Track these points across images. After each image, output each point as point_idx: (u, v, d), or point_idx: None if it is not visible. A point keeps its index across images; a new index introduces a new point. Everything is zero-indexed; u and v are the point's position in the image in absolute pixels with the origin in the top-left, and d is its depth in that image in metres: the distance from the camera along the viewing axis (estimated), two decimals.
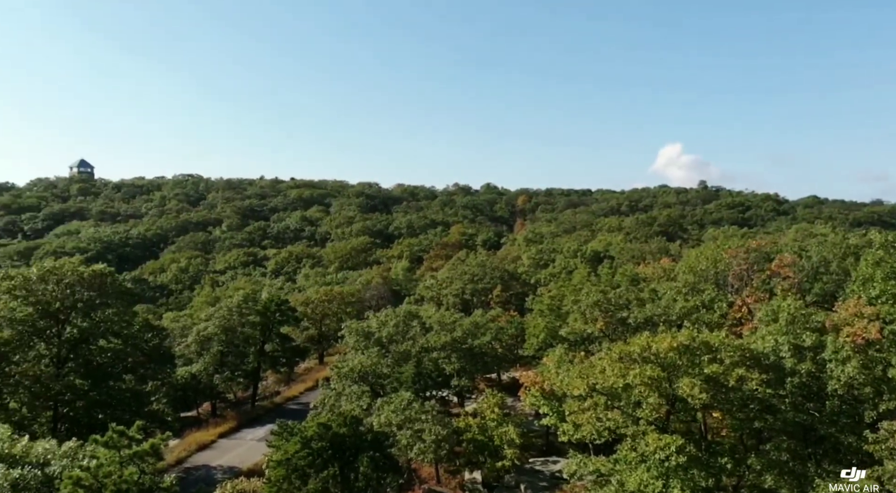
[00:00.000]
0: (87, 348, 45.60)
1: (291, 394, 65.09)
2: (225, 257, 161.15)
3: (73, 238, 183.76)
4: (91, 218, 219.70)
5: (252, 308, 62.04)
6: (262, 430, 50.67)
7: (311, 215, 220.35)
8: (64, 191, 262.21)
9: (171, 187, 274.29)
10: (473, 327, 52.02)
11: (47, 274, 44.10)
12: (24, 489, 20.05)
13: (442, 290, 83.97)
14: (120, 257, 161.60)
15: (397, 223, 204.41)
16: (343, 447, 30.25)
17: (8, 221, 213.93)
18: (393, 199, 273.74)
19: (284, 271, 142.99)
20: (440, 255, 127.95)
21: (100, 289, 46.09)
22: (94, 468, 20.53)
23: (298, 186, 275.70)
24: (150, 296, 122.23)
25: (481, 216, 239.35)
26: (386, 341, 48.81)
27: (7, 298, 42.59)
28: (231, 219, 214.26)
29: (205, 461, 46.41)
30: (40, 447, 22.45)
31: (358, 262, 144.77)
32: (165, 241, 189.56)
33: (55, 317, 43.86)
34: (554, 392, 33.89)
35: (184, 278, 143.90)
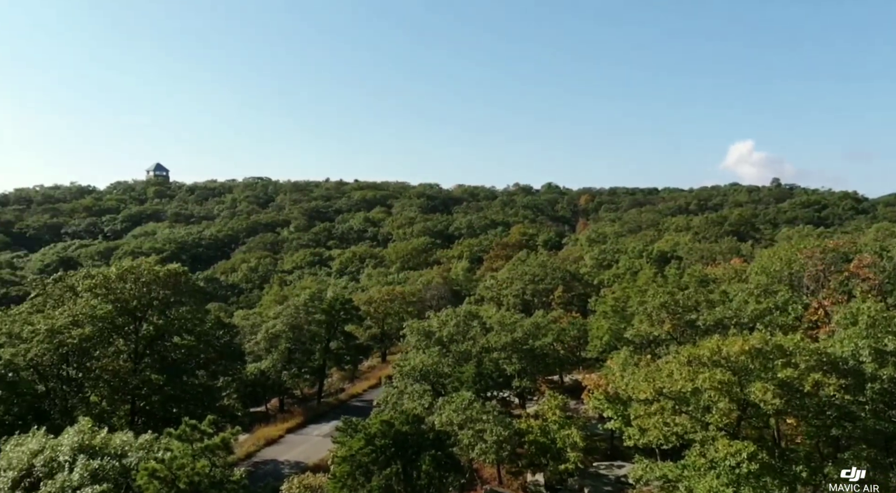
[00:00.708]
0: (162, 344, 47.59)
1: (355, 391, 66.22)
2: (292, 257, 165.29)
3: (149, 239, 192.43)
4: (166, 219, 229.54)
5: (318, 307, 63.50)
6: (328, 426, 51.70)
7: (374, 216, 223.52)
8: (141, 194, 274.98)
9: (241, 190, 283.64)
10: (534, 327, 51.58)
11: (126, 273, 46.24)
12: (103, 479, 21.09)
13: (502, 290, 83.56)
14: (193, 257, 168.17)
15: (457, 224, 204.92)
16: (405, 445, 30.53)
17: (90, 222, 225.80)
18: (453, 199, 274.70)
19: (348, 270, 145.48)
20: (500, 255, 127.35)
21: (174, 288, 48.02)
22: (169, 460, 21.42)
23: (362, 188, 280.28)
24: (222, 294, 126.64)
25: (542, 216, 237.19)
26: (446, 340, 48.99)
27: (89, 296, 44.82)
28: (298, 220, 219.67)
29: (273, 455, 47.76)
30: (118, 439, 23.56)
31: (419, 262, 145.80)
32: (236, 241, 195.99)
33: (133, 314, 45.93)
34: (618, 396, 33.18)
35: (253, 277, 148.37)
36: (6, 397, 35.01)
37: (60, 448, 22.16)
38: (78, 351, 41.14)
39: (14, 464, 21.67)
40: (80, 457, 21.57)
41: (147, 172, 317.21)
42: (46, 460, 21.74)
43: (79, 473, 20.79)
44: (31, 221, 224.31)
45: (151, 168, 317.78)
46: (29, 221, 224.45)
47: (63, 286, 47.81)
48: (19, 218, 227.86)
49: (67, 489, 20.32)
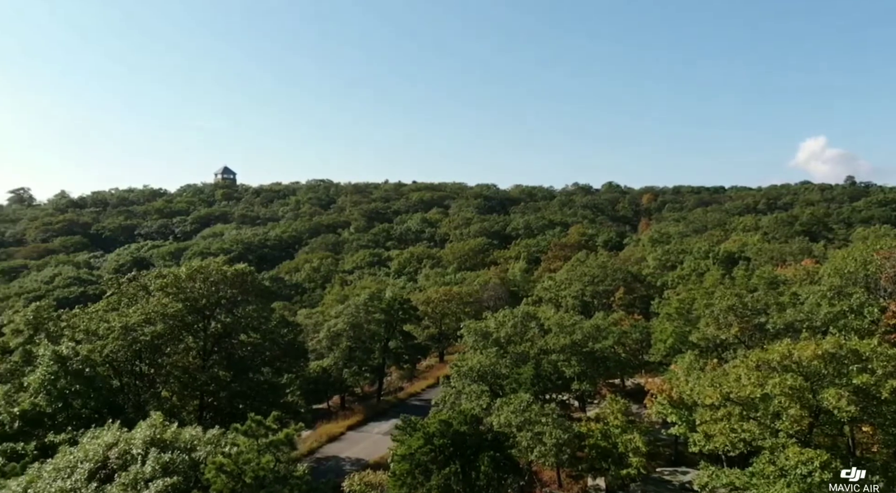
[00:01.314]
0: (229, 341, 49.09)
1: (414, 390, 66.76)
2: (352, 258, 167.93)
3: (217, 240, 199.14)
4: (233, 221, 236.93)
5: (377, 306, 64.33)
6: (387, 424, 52.28)
7: (431, 217, 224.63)
8: (210, 196, 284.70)
9: (304, 192, 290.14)
10: (594, 330, 50.77)
11: (195, 273, 47.93)
12: (174, 472, 21.90)
13: (560, 291, 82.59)
14: (259, 258, 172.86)
15: (515, 224, 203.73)
16: (464, 445, 30.55)
17: (161, 224, 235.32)
18: (510, 200, 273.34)
19: (406, 271, 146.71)
20: (559, 256, 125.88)
21: (241, 287, 49.48)
22: (235, 455, 22.09)
23: (419, 189, 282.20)
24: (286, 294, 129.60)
25: (602, 216, 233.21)
26: (504, 341, 48.77)
27: (160, 294, 46.65)
28: (358, 221, 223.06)
29: (334, 452, 48.66)
30: (187, 433, 24.43)
31: (475, 262, 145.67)
32: (299, 242, 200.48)
33: (202, 313, 47.56)
34: (683, 400, 32.28)
35: (316, 277, 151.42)
36: (83, 391, 36.75)
37: (133, 442, 23.16)
38: (150, 348, 42.92)
39: (90, 456, 22.77)
40: (152, 450, 22.49)
41: (215, 175, 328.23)
42: (120, 452, 22.77)
43: (151, 466, 21.69)
44: (107, 222, 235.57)
45: (219, 171, 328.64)
46: (105, 222, 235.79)
47: (136, 285, 49.95)
48: (96, 220, 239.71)
49: (140, 481, 21.21)
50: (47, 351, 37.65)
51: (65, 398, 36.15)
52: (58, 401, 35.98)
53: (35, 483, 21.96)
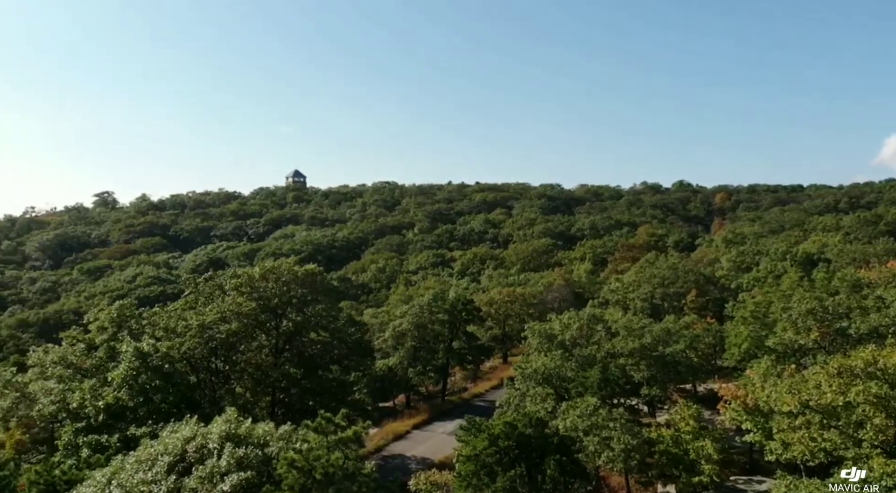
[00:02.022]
0: (300, 340, 50.42)
1: (478, 391, 66.74)
2: (416, 258, 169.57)
3: (288, 241, 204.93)
4: (303, 223, 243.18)
5: (440, 307, 64.72)
6: (452, 424, 52.44)
7: (494, 218, 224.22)
8: (281, 199, 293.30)
9: (370, 194, 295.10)
10: (664, 333, 49.43)
11: (268, 273, 49.46)
12: (248, 466, 22.70)
13: (628, 293, 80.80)
14: (327, 258, 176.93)
15: (580, 224, 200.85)
16: (529, 448, 30.33)
17: (236, 226, 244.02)
18: (575, 200, 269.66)
19: (469, 271, 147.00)
20: (626, 257, 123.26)
21: (311, 287, 50.74)
22: (306, 451, 22.66)
23: (482, 190, 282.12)
24: (353, 293, 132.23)
25: (672, 216, 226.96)
26: (569, 344, 48.13)
27: (235, 294, 48.38)
28: (422, 222, 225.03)
29: (400, 450, 49.20)
30: (260, 429, 25.27)
31: (539, 263, 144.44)
32: (366, 243, 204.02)
33: (274, 311, 49.03)
34: (759, 407, 31.08)
35: (381, 277, 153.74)
36: (163, 386, 38.53)
37: (210, 436, 24.12)
38: (225, 345, 44.60)
39: (170, 449, 23.87)
40: (227, 445, 23.36)
41: (286, 178, 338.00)
42: (198, 446, 23.75)
43: (226, 460, 22.53)
44: (185, 224, 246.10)
45: (290, 175, 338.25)
46: (183, 224, 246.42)
47: (212, 285, 51.98)
48: (175, 222, 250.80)
49: (216, 475, 22.07)
50: (130, 348, 39.71)
51: (146, 393, 38.02)
52: (139, 395, 37.88)
53: (118, 475, 23.17)
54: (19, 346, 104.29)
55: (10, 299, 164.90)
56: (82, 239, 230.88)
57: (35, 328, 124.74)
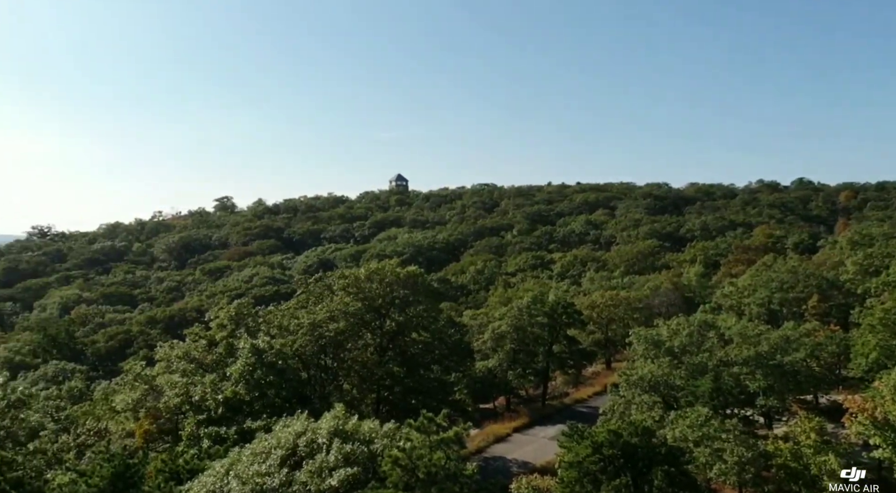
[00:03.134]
0: (402, 339, 51.58)
1: (580, 396, 65.47)
2: (515, 260, 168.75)
3: (391, 243, 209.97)
4: (405, 225, 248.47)
5: (540, 310, 63.99)
6: (553, 429, 51.76)
7: (596, 219, 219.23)
8: (385, 202, 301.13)
9: (469, 196, 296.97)
10: (783, 341, 46.42)
11: (372, 274, 50.96)
12: (354, 462, 23.47)
13: (743, 298, 76.45)
14: (428, 260, 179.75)
15: (689, 225, 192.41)
16: (635, 458, 29.38)
17: (343, 228, 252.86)
18: (684, 199, 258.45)
19: (570, 274, 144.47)
20: (741, 259, 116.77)
21: (412, 288, 51.79)
22: (409, 449, 23.13)
23: (584, 190, 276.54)
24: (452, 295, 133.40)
25: (792, 216, 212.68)
26: (678, 351, 46.20)
27: (342, 294, 50.18)
28: (521, 224, 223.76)
29: (501, 452, 49.11)
30: (366, 426, 26.06)
31: (645, 266, 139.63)
32: (465, 245, 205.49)
33: (378, 311, 50.46)
34: (889, 422, 28.55)
35: (480, 279, 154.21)
36: (276, 382, 40.51)
37: (319, 431, 25.15)
38: (334, 343, 46.42)
39: (282, 443, 25.09)
40: (335, 441, 24.26)
41: (390, 182, 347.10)
42: (308, 441, 24.82)
43: (334, 455, 23.41)
44: (297, 227, 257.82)
45: (393, 179, 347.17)
46: (295, 227, 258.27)
47: (322, 285, 54.19)
48: (288, 225, 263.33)
49: (325, 469, 22.96)
50: (246, 344, 42.07)
51: (261, 388, 40.10)
52: (255, 390, 40.00)
53: (235, 466, 24.59)
54: (148, 341, 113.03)
55: (140, 298, 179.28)
56: (204, 241, 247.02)
57: (162, 325, 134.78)
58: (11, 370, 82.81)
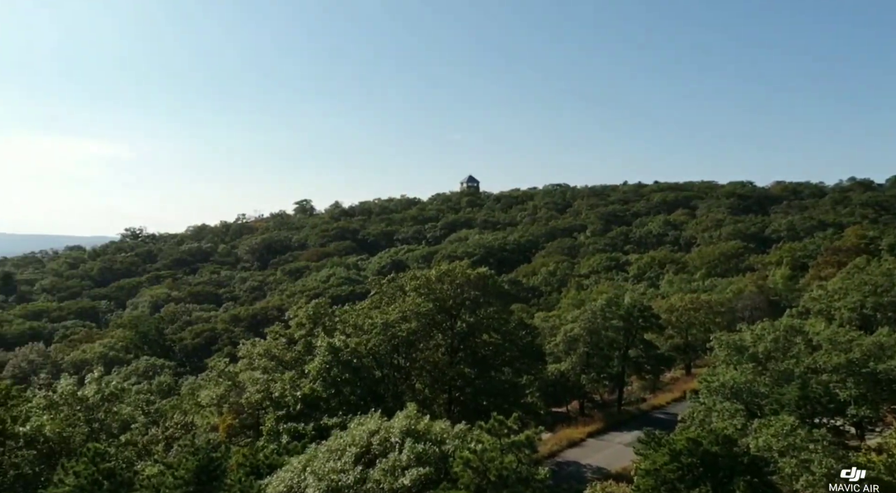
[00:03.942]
0: (473, 340, 51.66)
1: (657, 403, 63.79)
2: (589, 262, 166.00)
3: (462, 244, 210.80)
4: (476, 226, 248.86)
5: (615, 313, 62.68)
6: (629, 435, 50.64)
7: (675, 219, 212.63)
8: (456, 204, 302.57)
9: (541, 197, 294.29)
10: (876, 347, 43.59)
11: (443, 276, 51.32)
12: (426, 462, 23.69)
13: (833, 302, 72.22)
14: (499, 261, 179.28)
15: (775, 225, 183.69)
16: (716, 467, 28.34)
17: (415, 230, 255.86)
18: (770, 198, 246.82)
19: (646, 276, 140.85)
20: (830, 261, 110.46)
21: (483, 289, 51.82)
22: (480, 451, 23.14)
23: (662, 190, 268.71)
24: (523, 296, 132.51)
25: (887, 215, 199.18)
26: (762, 356, 44.20)
27: (414, 295, 50.79)
28: (594, 225, 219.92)
29: (574, 457, 48.42)
30: (438, 426, 26.26)
31: (727, 268, 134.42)
32: (536, 246, 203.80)
33: (449, 312, 50.76)
34: None
35: (552, 280, 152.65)
36: (352, 380, 41.46)
37: (392, 430, 25.55)
38: (406, 343, 47.07)
39: (356, 441, 25.62)
40: (408, 440, 24.57)
41: (461, 184, 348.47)
42: (381, 440, 25.26)
43: (406, 455, 23.72)
44: (371, 229, 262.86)
45: (464, 180, 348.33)
46: (369, 229, 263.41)
47: (395, 286, 55.03)
48: (363, 227, 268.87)
49: (398, 468, 23.31)
50: (323, 343, 43.26)
51: (337, 385, 41.15)
52: (331, 387, 41.07)
53: (312, 462, 25.29)
54: (231, 339, 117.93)
55: (225, 297, 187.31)
56: (284, 243, 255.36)
57: (245, 323, 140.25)
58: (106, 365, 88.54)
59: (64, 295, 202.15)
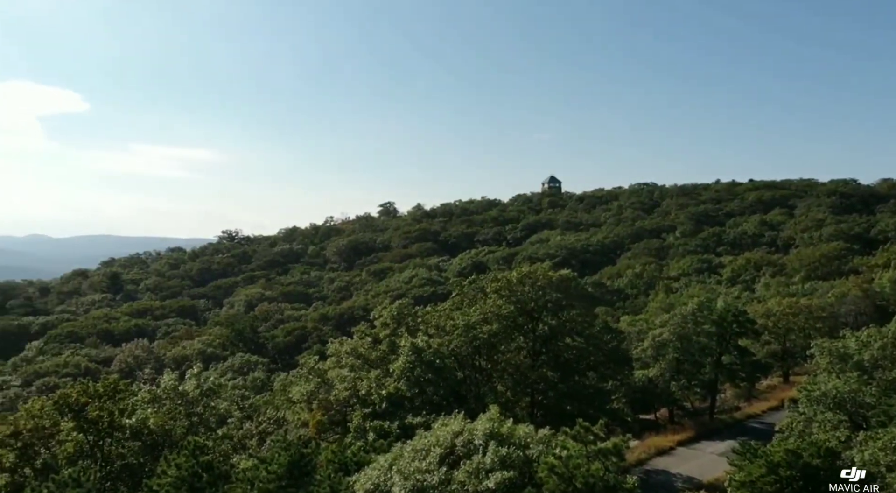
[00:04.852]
0: (555, 344, 51.08)
1: (752, 412, 60.96)
2: (678, 264, 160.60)
3: (543, 245, 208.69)
4: (558, 227, 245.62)
5: (707, 317, 60.24)
6: (722, 445, 48.69)
7: (772, 219, 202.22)
8: (537, 204, 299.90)
9: (626, 197, 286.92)
10: None
11: (524, 277, 51.02)
12: (510, 466, 23.63)
13: None
14: (581, 263, 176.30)
15: (882, 225, 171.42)
16: (817, 481, 26.79)
17: (495, 231, 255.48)
18: (876, 197, 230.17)
19: (741, 279, 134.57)
20: None
21: (565, 291, 51.17)
22: (565, 458, 22.85)
23: (757, 188, 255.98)
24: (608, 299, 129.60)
25: None
26: (868, 365, 41.34)
27: (495, 297, 50.78)
28: (684, 225, 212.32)
29: (663, 466, 46.95)
30: (521, 430, 26.12)
31: (829, 271, 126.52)
32: (621, 247, 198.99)
33: (530, 315, 50.42)
34: None
35: (638, 283, 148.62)
36: (434, 380, 41.95)
37: (475, 432, 25.63)
38: (487, 345, 47.12)
39: (440, 442, 25.87)
40: (491, 443, 24.59)
41: (542, 184, 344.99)
42: (465, 441, 25.39)
43: (490, 458, 23.74)
44: (452, 230, 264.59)
45: (546, 181, 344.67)
46: (450, 230, 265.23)
47: (475, 287, 55.23)
48: (444, 228, 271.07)
49: (482, 471, 23.37)
50: (407, 343, 44.01)
51: (420, 385, 41.77)
52: (414, 387, 41.73)
53: (398, 461, 25.74)
54: (321, 337, 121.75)
55: (314, 296, 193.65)
56: (369, 244, 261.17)
57: (333, 322, 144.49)
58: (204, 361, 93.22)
59: (166, 294, 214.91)
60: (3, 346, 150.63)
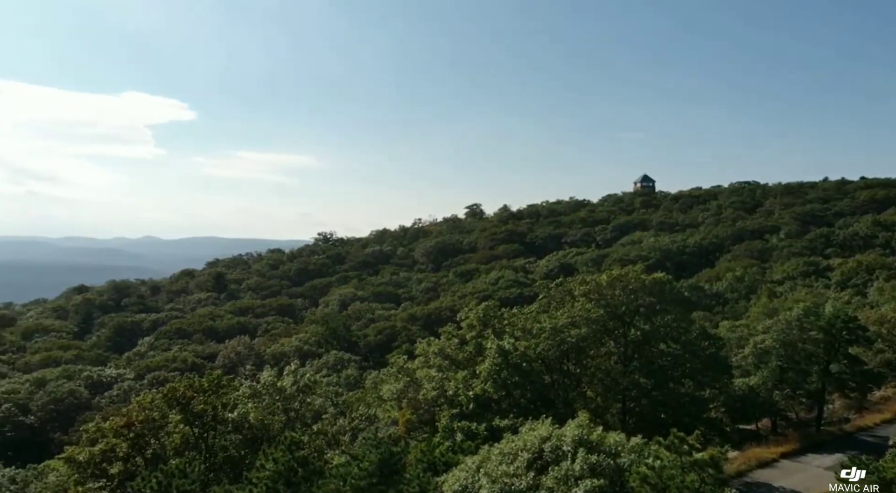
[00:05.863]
0: (648, 349, 49.51)
1: (863, 424, 56.82)
2: (782, 267, 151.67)
3: (635, 247, 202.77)
4: (651, 228, 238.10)
5: (814, 323, 56.66)
6: (829, 458, 45.70)
7: (887, 219, 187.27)
8: (629, 205, 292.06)
9: (726, 196, 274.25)
10: None
11: (615, 280, 49.81)
12: (600, 474, 23.14)
13: None
14: (677, 265, 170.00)
15: None
16: None
17: (584, 232, 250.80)
18: None
19: (851, 283, 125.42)
20: None
21: (659, 295, 49.53)
22: (658, 468, 22.13)
23: (870, 187, 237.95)
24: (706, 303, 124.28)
25: None
26: None
27: (584, 300, 49.83)
28: (789, 226, 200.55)
29: (765, 479, 44.64)
30: (612, 438, 25.52)
31: None
32: (720, 249, 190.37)
33: (622, 319, 49.15)
34: None
35: (739, 286, 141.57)
36: (521, 383, 41.69)
37: (564, 438, 25.28)
38: (575, 349, 46.29)
39: (528, 446, 25.69)
40: (581, 450, 24.17)
41: (634, 184, 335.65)
42: (553, 447, 25.09)
43: (579, 465, 23.34)
44: (539, 232, 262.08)
45: (638, 180, 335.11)
46: (537, 232, 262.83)
47: (563, 290, 54.41)
48: (530, 229, 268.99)
49: (570, 478, 23.02)
50: (493, 345, 43.98)
51: (507, 387, 41.62)
52: (501, 389, 41.62)
53: (486, 464, 25.78)
54: (409, 336, 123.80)
55: (403, 296, 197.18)
56: (456, 246, 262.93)
57: (420, 322, 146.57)
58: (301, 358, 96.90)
59: (266, 293, 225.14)
60: (119, 341, 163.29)
